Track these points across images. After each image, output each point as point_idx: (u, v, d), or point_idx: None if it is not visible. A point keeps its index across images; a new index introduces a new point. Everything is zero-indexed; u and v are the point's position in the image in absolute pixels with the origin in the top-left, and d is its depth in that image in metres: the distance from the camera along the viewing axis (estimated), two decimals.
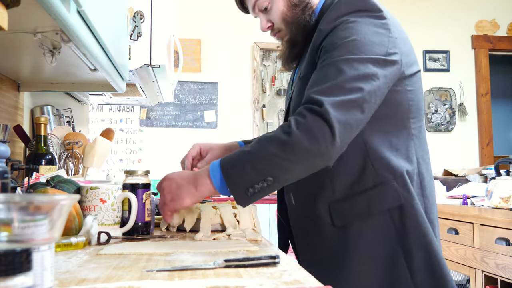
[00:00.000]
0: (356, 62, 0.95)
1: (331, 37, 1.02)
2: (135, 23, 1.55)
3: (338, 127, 0.88)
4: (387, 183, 1.02)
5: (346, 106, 0.91)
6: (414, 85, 1.08)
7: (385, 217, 1.02)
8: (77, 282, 0.67)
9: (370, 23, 1.02)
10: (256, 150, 0.91)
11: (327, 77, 0.95)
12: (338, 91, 0.92)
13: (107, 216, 1.10)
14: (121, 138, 4.27)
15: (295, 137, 0.88)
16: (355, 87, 0.93)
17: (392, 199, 1.02)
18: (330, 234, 1.05)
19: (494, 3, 4.84)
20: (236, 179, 0.92)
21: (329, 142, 0.89)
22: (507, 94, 6.44)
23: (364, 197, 1.02)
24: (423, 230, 1.03)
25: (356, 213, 1.03)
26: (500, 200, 2.21)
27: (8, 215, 0.47)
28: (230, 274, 0.71)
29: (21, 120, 1.73)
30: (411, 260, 1.01)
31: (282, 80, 4.56)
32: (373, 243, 1.02)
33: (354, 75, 0.94)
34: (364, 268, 1.02)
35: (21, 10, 0.67)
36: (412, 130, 1.07)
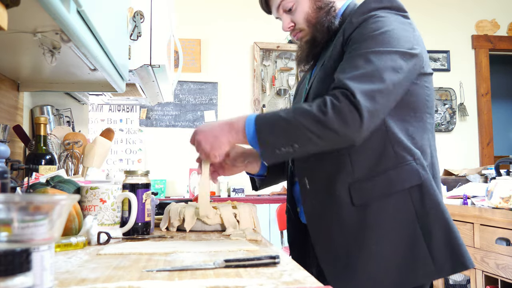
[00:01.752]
0: (385, 54, 1.03)
1: (362, 29, 1.08)
2: (135, 23, 1.55)
3: (367, 115, 0.97)
4: (407, 163, 1.07)
5: (374, 95, 0.99)
6: (429, 84, 1.15)
7: (405, 196, 1.06)
8: (77, 282, 0.67)
9: (398, 19, 1.10)
10: (291, 119, 1.00)
11: (358, 66, 1.02)
12: (368, 80, 1.00)
13: (107, 216, 1.10)
14: (121, 138, 4.27)
15: (329, 117, 0.97)
16: (383, 77, 1.00)
17: (413, 177, 1.07)
18: (349, 214, 1.07)
19: (494, 3, 4.84)
20: (267, 139, 1.01)
21: (357, 128, 0.98)
22: (507, 94, 6.44)
23: (385, 177, 1.07)
24: (441, 209, 1.07)
25: (377, 192, 1.07)
26: (501, 200, 2.21)
27: (8, 215, 0.47)
28: (230, 274, 0.71)
29: (20, 120, 1.73)
30: (431, 239, 1.05)
31: (282, 80, 4.56)
32: (393, 221, 1.06)
33: (383, 66, 1.01)
34: (383, 248, 1.05)
35: (21, 10, 0.67)
36: (427, 124, 1.13)
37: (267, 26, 4.44)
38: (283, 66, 4.57)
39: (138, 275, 0.71)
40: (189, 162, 4.28)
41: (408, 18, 1.13)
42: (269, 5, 1.26)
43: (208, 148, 1.07)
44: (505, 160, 2.44)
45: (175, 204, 1.33)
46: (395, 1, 1.13)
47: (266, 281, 0.67)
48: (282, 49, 4.54)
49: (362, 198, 1.07)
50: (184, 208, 1.27)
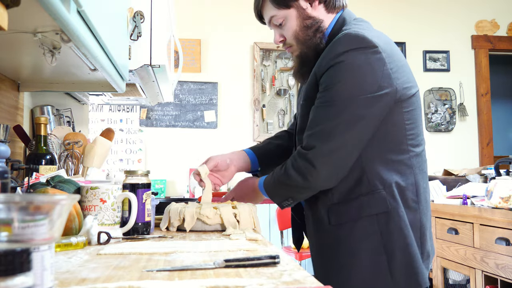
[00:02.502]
0: (346, 107, 1.12)
1: (327, 77, 1.15)
2: (135, 23, 1.55)
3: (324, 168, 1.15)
4: (377, 191, 1.17)
5: (332, 153, 1.13)
6: (412, 106, 1.19)
7: (372, 220, 1.17)
8: (77, 282, 0.67)
9: (364, 60, 1.11)
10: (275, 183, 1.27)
11: (319, 121, 1.15)
12: (327, 138, 1.13)
13: (107, 216, 1.10)
14: (121, 138, 4.27)
15: (292, 178, 1.19)
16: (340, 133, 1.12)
17: (380, 205, 1.17)
18: (328, 231, 1.23)
19: (494, 3, 4.84)
20: (273, 197, 1.29)
21: (317, 177, 1.16)
22: (507, 94, 6.44)
23: (357, 202, 1.19)
24: (404, 234, 1.17)
25: (349, 215, 1.19)
26: (500, 200, 2.21)
27: (8, 215, 0.47)
28: (230, 274, 0.71)
29: (21, 120, 1.73)
30: (391, 259, 1.16)
31: (282, 80, 4.56)
32: (361, 241, 1.18)
33: (342, 121, 1.12)
34: (353, 261, 1.19)
35: (21, 10, 0.68)
36: (408, 146, 1.19)
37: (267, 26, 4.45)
38: (283, 66, 4.57)
39: (138, 275, 0.71)
40: (189, 162, 4.28)
41: (377, 53, 1.12)
42: (263, 17, 1.33)
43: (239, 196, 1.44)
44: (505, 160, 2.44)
45: (175, 204, 1.33)
46: (363, 40, 1.12)
47: (266, 281, 0.67)
48: (282, 49, 4.53)
49: (337, 219, 1.21)
50: (184, 208, 1.27)
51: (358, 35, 1.13)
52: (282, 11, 1.24)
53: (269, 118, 4.51)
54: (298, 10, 1.23)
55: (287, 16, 1.24)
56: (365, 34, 1.14)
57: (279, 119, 4.53)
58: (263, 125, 4.49)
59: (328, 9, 1.25)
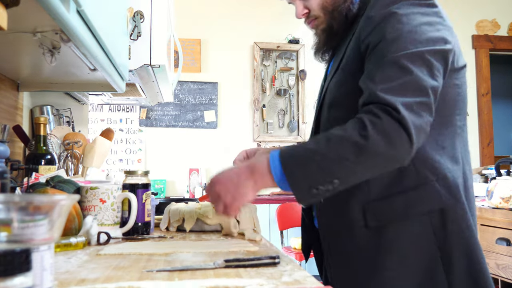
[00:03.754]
0: (419, 58, 0.89)
1: (383, 29, 0.94)
2: (135, 23, 1.55)
3: (415, 132, 0.84)
4: (429, 183, 0.95)
5: (419, 109, 0.86)
6: (461, 80, 1.01)
7: (424, 220, 0.94)
8: (77, 283, 0.66)
9: (423, 12, 0.95)
10: (325, 150, 0.85)
11: (392, 75, 0.89)
12: (408, 92, 0.87)
13: (107, 216, 1.10)
14: (121, 138, 4.27)
15: (372, 141, 0.83)
16: (424, 87, 0.88)
17: (434, 201, 0.95)
18: (362, 236, 0.96)
19: (494, 3, 4.84)
20: (300, 178, 0.86)
21: (407, 148, 0.85)
22: (507, 94, 6.44)
23: (403, 198, 0.95)
24: (466, 236, 0.95)
25: (393, 214, 0.95)
26: (501, 200, 2.21)
27: (8, 215, 0.47)
28: (230, 274, 0.71)
29: (20, 120, 1.73)
30: (451, 269, 0.93)
31: (282, 80, 4.56)
32: (409, 247, 0.94)
33: (421, 73, 0.88)
34: (397, 275, 0.94)
35: (21, 10, 0.67)
36: (457, 127, 1.00)
37: (267, 26, 4.45)
38: (283, 66, 4.56)
39: (138, 275, 0.71)
40: (189, 162, 4.28)
41: (434, 6, 0.98)
42: None
43: (229, 199, 0.89)
44: (505, 160, 2.44)
45: (175, 204, 1.33)
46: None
47: (266, 281, 0.67)
48: (282, 49, 4.54)
49: (377, 220, 0.96)
50: (184, 208, 1.27)
51: None
52: None
53: (269, 118, 4.51)
54: None
55: None
56: None
57: (279, 119, 4.53)
58: (263, 125, 4.49)
59: None
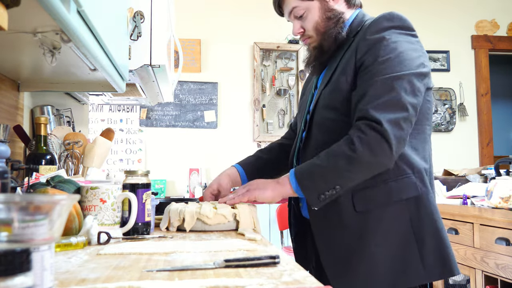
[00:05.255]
0: (403, 79, 1.09)
1: (375, 51, 1.14)
2: (135, 23, 1.55)
3: (395, 143, 1.06)
4: (407, 176, 1.15)
5: (400, 123, 1.07)
6: (431, 97, 1.22)
7: (402, 206, 1.14)
8: (77, 282, 0.67)
9: (409, 40, 1.17)
10: (325, 164, 1.11)
11: (380, 94, 1.08)
12: (393, 109, 1.07)
13: (107, 216, 1.10)
14: (121, 138, 4.27)
15: (359, 152, 1.06)
16: (406, 104, 1.08)
17: (411, 190, 1.15)
18: (351, 219, 1.16)
19: (494, 3, 4.84)
20: (310, 188, 1.13)
21: (389, 155, 1.07)
22: (507, 94, 6.44)
23: (386, 187, 1.15)
24: (435, 219, 1.16)
25: (377, 200, 1.15)
26: (500, 200, 2.21)
27: (8, 215, 0.47)
28: (230, 274, 0.71)
29: (21, 120, 1.73)
30: (422, 245, 1.13)
31: (282, 80, 4.56)
32: (390, 228, 1.14)
33: (403, 92, 1.08)
34: (380, 250, 1.13)
35: (21, 10, 0.68)
36: (427, 135, 1.22)
37: (267, 26, 4.45)
38: (283, 66, 4.57)
39: (138, 275, 0.71)
40: (189, 162, 4.28)
41: (416, 36, 1.20)
42: (282, 8, 1.33)
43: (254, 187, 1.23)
44: (505, 160, 2.44)
45: (175, 204, 1.33)
46: (405, 21, 1.20)
47: (266, 281, 0.67)
48: (282, 49, 4.54)
49: (364, 206, 1.15)
50: (184, 208, 1.27)
51: (402, 16, 1.20)
52: (305, 3, 1.27)
53: (269, 118, 4.51)
54: (321, 2, 1.27)
55: (309, 8, 1.26)
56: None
57: (279, 119, 4.53)
58: (263, 125, 4.49)
59: (348, 4, 1.30)
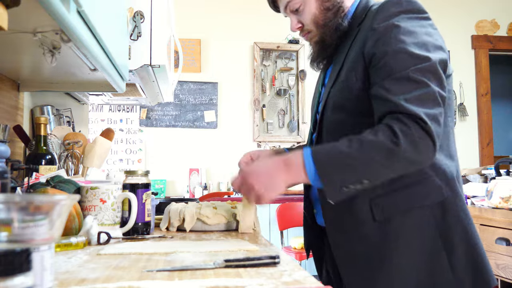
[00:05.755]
0: (429, 69, 0.98)
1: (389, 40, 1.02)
2: (135, 23, 1.55)
3: (437, 140, 0.95)
4: (429, 179, 1.04)
5: (439, 118, 0.97)
6: (450, 85, 1.10)
7: (426, 212, 1.03)
8: (77, 282, 0.67)
9: (421, 24, 1.04)
10: (357, 154, 0.95)
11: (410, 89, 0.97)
12: (429, 103, 0.96)
13: (107, 216, 1.10)
14: (121, 138, 4.27)
15: (402, 148, 0.93)
16: (438, 99, 0.97)
17: (434, 194, 1.04)
18: (370, 229, 1.05)
19: (494, 3, 4.84)
20: (333, 178, 0.96)
21: (431, 154, 0.96)
22: (507, 94, 6.44)
23: (406, 192, 1.04)
24: (464, 224, 1.05)
25: (398, 207, 1.04)
26: (500, 200, 2.21)
27: (8, 215, 0.47)
28: (230, 274, 0.71)
29: (21, 120, 1.73)
30: (452, 253, 1.03)
31: (282, 80, 4.56)
32: (414, 236, 1.03)
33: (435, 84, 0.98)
34: (404, 262, 1.03)
35: (21, 10, 0.67)
36: (450, 128, 1.10)
37: (267, 26, 4.45)
38: (283, 66, 4.57)
39: (138, 275, 0.71)
40: (189, 162, 4.28)
41: (429, 19, 1.07)
42: (277, 4, 1.23)
43: (263, 190, 0.99)
44: (505, 160, 2.44)
45: (175, 204, 1.33)
46: (415, 3, 1.07)
47: (266, 281, 0.67)
48: (282, 49, 4.54)
49: (384, 214, 1.04)
50: (184, 208, 1.27)
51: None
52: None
53: (269, 118, 4.51)
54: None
55: (305, 0, 1.16)
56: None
57: (279, 119, 4.53)
58: (263, 125, 4.49)
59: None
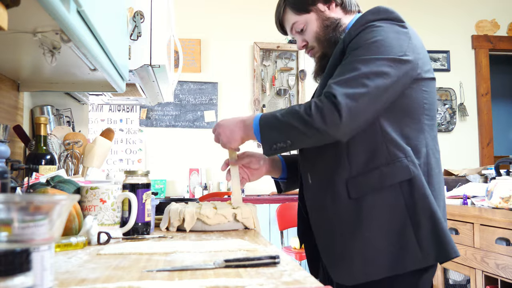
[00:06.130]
0: (372, 61, 1.13)
1: (357, 38, 1.18)
2: (135, 23, 1.55)
3: (346, 114, 1.09)
4: (398, 160, 1.16)
5: (355, 97, 1.10)
6: (429, 88, 1.22)
7: (396, 190, 1.15)
8: (77, 282, 0.67)
9: (393, 29, 1.19)
10: (284, 119, 1.16)
11: (345, 72, 1.14)
12: (351, 84, 1.11)
13: (107, 216, 1.10)
14: (121, 138, 4.27)
15: (312, 117, 1.11)
16: (365, 83, 1.11)
17: (403, 173, 1.15)
18: (345, 206, 1.18)
19: (494, 3, 4.84)
20: (266, 135, 1.19)
21: (336, 125, 1.10)
22: (507, 94, 6.44)
23: (378, 172, 1.16)
24: (429, 201, 1.15)
25: (370, 186, 1.16)
26: (500, 200, 2.21)
27: (8, 215, 0.47)
28: (230, 274, 0.71)
29: (21, 120, 1.73)
30: (418, 228, 1.14)
31: (282, 80, 4.56)
32: (385, 212, 1.15)
33: (367, 71, 1.12)
34: (375, 235, 1.14)
35: (21, 10, 0.68)
36: (424, 125, 1.21)
37: (267, 26, 4.44)
38: (283, 66, 4.57)
39: (138, 275, 0.71)
40: (189, 162, 4.28)
41: (405, 27, 1.21)
42: (284, 26, 1.39)
43: (225, 140, 1.29)
44: (505, 160, 2.44)
45: (175, 204, 1.33)
46: (392, 13, 1.22)
47: (266, 281, 0.67)
48: (282, 49, 4.54)
49: (358, 192, 1.16)
50: (184, 208, 1.27)
51: (388, 9, 1.23)
52: (303, 17, 1.32)
53: None
54: (317, 13, 1.32)
55: (308, 21, 1.32)
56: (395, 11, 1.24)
57: None
58: None
59: (345, 11, 1.34)
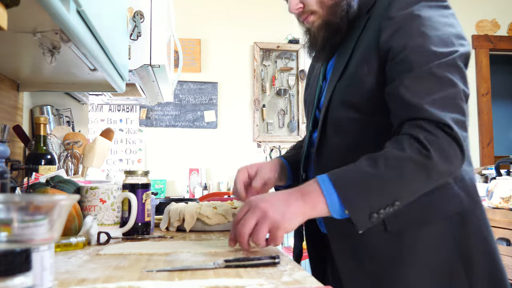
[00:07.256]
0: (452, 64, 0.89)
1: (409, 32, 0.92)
2: (135, 23, 1.55)
3: (465, 147, 0.87)
4: (447, 186, 0.94)
5: (465, 122, 0.88)
6: None
7: (443, 224, 0.94)
8: (77, 283, 0.66)
9: (442, 14, 0.95)
10: (385, 173, 0.84)
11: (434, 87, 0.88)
12: (453, 106, 0.88)
13: (107, 216, 1.10)
14: (121, 138, 4.27)
15: (434, 160, 0.83)
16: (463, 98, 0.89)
17: (453, 203, 0.95)
18: (381, 240, 0.94)
19: (494, 3, 4.84)
20: (359, 203, 0.83)
21: (460, 162, 0.87)
22: (507, 94, 6.44)
23: (422, 202, 0.91)
24: (485, 237, 0.97)
25: (413, 218, 0.93)
26: (501, 200, 2.21)
27: (8, 215, 0.47)
28: (230, 274, 0.71)
29: (20, 120, 1.73)
30: (471, 269, 0.94)
31: (282, 80, 4.56)
32: (430, 250, 0.93)
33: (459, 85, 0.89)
34: (419, 277, 0.93)
35: (21, 10, 0.67)
36: None
37: (267, 26, 4.45)
38: (283, 66, 4.56)
39: (138, 275, 0.71)
40: (189, 162, 4.28)
41: (449, 8, 0.97)
42: None
43: (280, 217, 0.84)
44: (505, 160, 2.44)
45: (175, 204, 1.33)
46: None
47: (266, 281, 0.67)
48: (282, 49, 4.54)
49: (397, 225, 0.93)
50: (184, 208, 1.27)
51: None
52: None
53: (269, 118, 4.50)
54: None
55: None
56: None
57: (279, 119, 4.52)
58: (263, 125, 4.49)
59: None
